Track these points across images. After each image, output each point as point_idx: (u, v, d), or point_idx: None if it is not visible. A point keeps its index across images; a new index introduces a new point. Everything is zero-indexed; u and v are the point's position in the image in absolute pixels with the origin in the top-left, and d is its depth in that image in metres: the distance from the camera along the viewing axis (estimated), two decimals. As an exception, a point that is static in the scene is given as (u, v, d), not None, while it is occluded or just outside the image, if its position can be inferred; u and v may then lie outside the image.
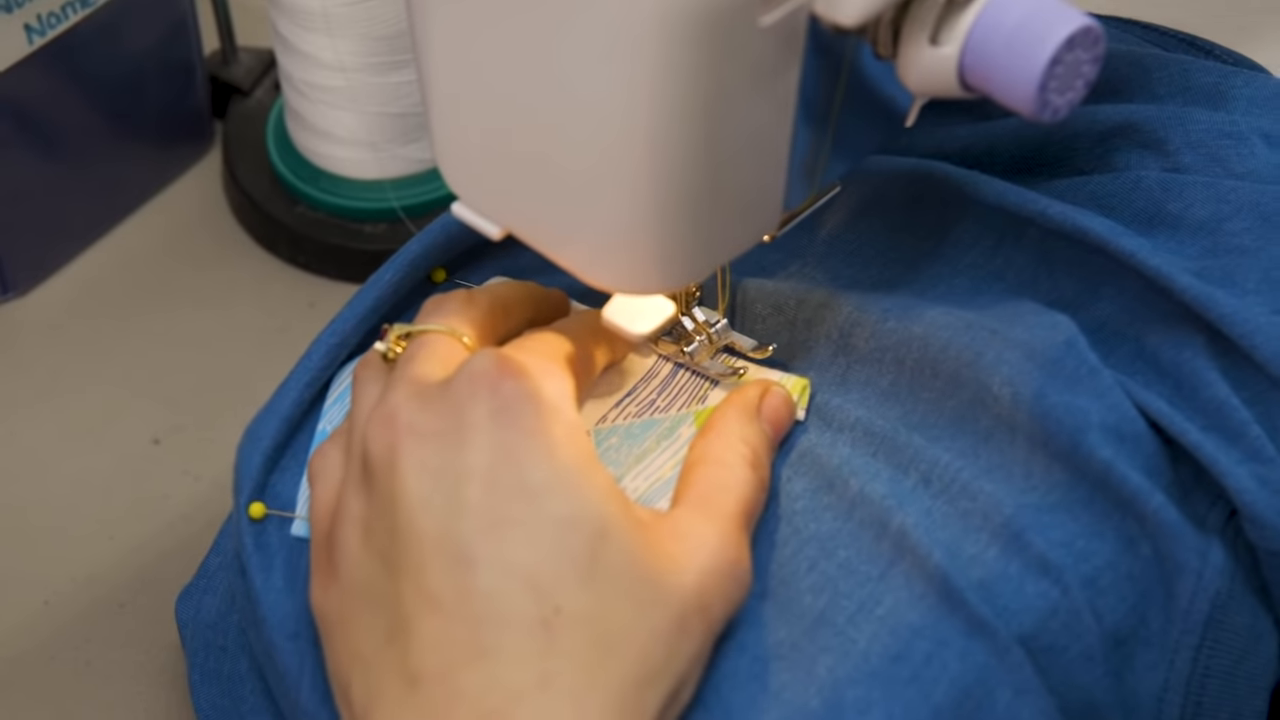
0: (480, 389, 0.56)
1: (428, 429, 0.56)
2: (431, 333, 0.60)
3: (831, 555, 0.60)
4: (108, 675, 0.75)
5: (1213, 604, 0.59)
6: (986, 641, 0.57)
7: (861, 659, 0.57)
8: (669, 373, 0.66)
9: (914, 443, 0.61)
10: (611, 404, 0.65)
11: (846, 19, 0.52)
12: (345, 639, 0.57)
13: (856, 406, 0.64)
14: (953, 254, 0.68)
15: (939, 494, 0.60)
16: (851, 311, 0.65)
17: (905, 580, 0.59)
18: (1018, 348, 0.61)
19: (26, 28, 0.84)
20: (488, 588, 0.54)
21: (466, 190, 0.60)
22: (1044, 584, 0.58)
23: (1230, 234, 0.64)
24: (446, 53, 0.56)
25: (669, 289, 0.60)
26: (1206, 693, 0.60)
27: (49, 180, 0.90)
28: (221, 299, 0.91)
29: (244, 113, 0.97)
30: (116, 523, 0.81)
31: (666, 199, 0.54)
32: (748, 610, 0.59)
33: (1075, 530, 0.59)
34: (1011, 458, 0.61)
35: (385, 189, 0.90)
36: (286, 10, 0.86)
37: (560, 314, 0.67)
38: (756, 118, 0.54)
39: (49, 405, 0.86)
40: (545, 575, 0.54)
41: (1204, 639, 0.59)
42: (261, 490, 0.65)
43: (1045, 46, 0.52)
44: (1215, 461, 0.59)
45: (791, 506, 0.61)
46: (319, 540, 0.60)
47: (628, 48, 0.50)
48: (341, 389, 0.67)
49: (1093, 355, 0.61)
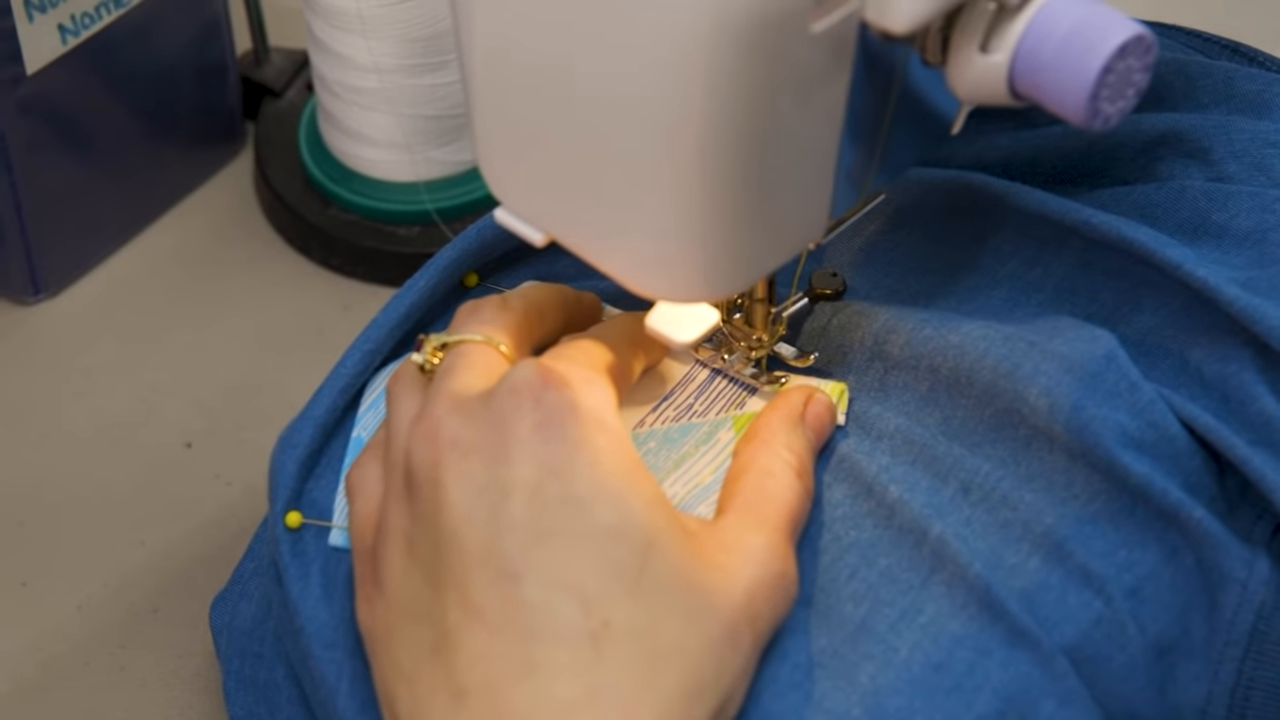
0: (523, 401, 0.56)
1: (471, 443, 0.56)
2: (468, 343, 0.60)
3: (872, 563, 0.59)
4: (142, 680, 0.75)
5: (1257, 615, 0.59)
6: (1029, 651, 0.57)
7: (903, 668, 0.57)
8: (706, 378, 0.66)
9: (953, 452, 0.61)
10: (648, 409, 0.65)
11: (897, 26, 0.52)
12: (390, 654, 0.56)
13: (895, 414, 0.63)
14: (991, 264, 0.68)
15: (978, 503, 0.60)
16: (888, 319, 0.65)
17: (946, 589, 0.58)
18: (1056, 360, 0.60)
19: (60, 28, 0.84)
20: (534, 601, 0.53)
21: (509, 195, 0.60)
22: (1087, 594, 0.58)
23: (1276, 244, 0.64)
24: (491, 54, 0.56)
25: (715, 297, 0.59)
26: (1250, 705, 0.59)
27: (80, 181, 0.90)
28: (254, 301, 0.91)
29: (276, 114, 0.97)
30: (148, 527, 0.81)
31: (715, 205, 0.54)
32: (789, 617, 0.58)
33: (1117, 540, 0.59)
34: (1051, 466, 0.60)
35: (419, 191, 0.90)
36: (321, 11, 0.86)
37: (593, 318, 0.67)
38: (805, 124, 0.54)
39: (80, 408, 0.86)
40: (593, 587, 0.54)
41: (1248, 650, 0.59)
42: (297, 498, 0.65)
43: (1098, 55, 0.52)
44: (1263, 476, 0.59)
45: (832, 514, 0.61)
46: (362, 555, 0.59)
47: (678, 52, 0.50)
48: (376, 395, 0.67)
49: (1134, 369, 0.60)
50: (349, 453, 0.66)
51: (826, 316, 0.66)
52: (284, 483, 0.65)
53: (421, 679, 0.55)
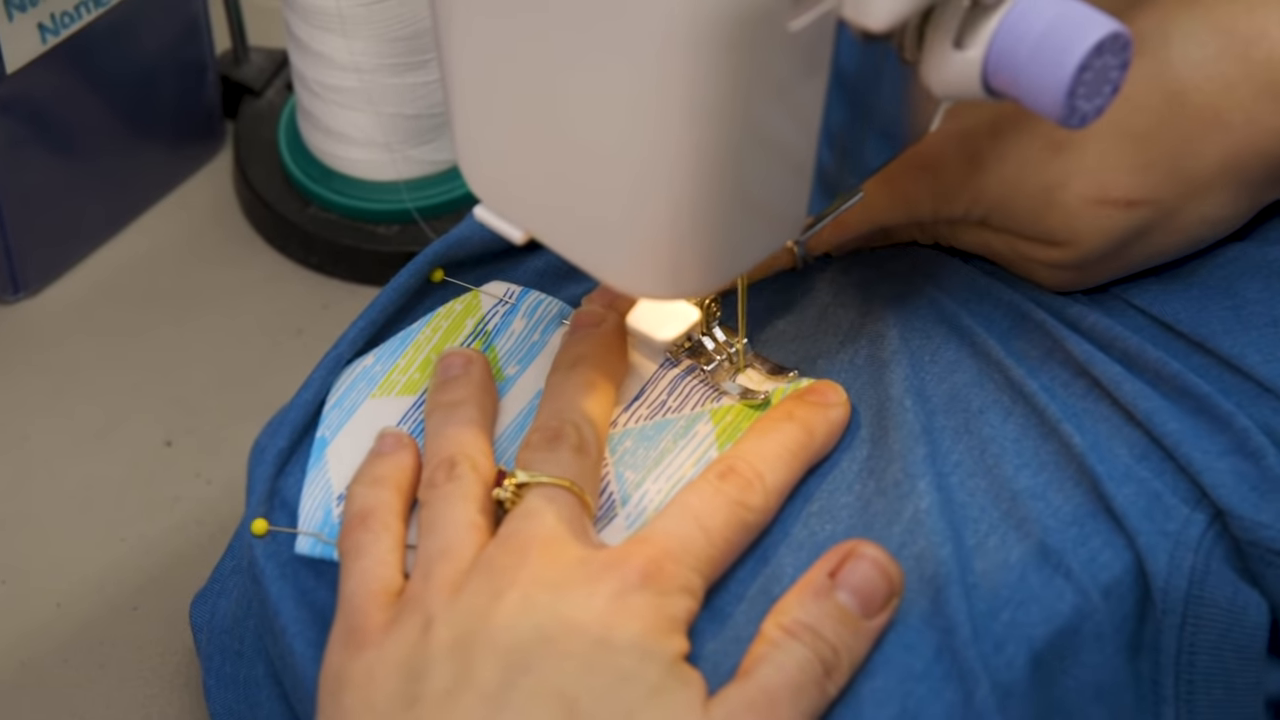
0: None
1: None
2: (550, 486, 0.60)
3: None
4: (122, 678, 0.75)
5: (1190, 580, 0.59)
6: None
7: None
8: (678, 374, 0.66)
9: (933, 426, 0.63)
10: (620, 409, 0.65)
11: (875, 24, 0.52)
12: (366, 697, 0.57)
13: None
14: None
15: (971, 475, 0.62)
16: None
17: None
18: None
19: (40, 27, 0.84)
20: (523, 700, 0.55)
21: (489, 193, 0.60)
22: (1047, 570, 0.59)
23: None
24: (470, 54, 0.56)
25: (694, 294, 0.59)
26: (1197, 670, 0.60)
27: (60, 180, 0.90)
28: (234, 300, 0.91)
29: (255, 113, 0.97)
30: (128, 525, 0.81)
31: (692, 202, 0.54)
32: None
33: (1062, 508, 0.61)
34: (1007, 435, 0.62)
35: (399, 190, 0.90)
36: (300, 10, 0.86)
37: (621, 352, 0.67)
38: (783, 122, 0.54)
39: (60, 406, 0.86)
40: (584, 704, 0.55)
41: (1185, 618, 0.60)
42: (270, 499, 0.65)
43: (1074, 53, 0.52)
44: (1191, 460, 0.60)
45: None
46: (350, 608, 0.60)
47: (656, 51, 0.50)
48: (340, 394, 0.67)
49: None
50: (313, 453, 0.66)
51: (826, 300, 0.67)
52: (258, 488, 0.65)
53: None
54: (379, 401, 0.66)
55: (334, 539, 0.63)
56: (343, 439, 0.66)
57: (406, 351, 0.68)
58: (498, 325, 0.68)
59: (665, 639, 0.56)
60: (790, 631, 0.57)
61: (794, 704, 0.55)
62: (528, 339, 0.68)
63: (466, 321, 0.68)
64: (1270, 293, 0.64)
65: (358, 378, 0.67)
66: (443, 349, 0.67)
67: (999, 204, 0.63)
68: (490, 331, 0.68)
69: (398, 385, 0.67)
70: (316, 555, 0.63)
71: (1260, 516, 0.59)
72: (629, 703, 0.55)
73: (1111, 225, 0.62)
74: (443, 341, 0.68)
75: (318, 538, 0.63)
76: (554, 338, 0.67)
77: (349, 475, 0.64)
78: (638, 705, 0.55)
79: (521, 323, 0.68)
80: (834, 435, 0.63)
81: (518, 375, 0.67)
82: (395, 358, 0.67)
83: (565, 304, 0.68)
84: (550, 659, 0.55)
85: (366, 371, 0.67)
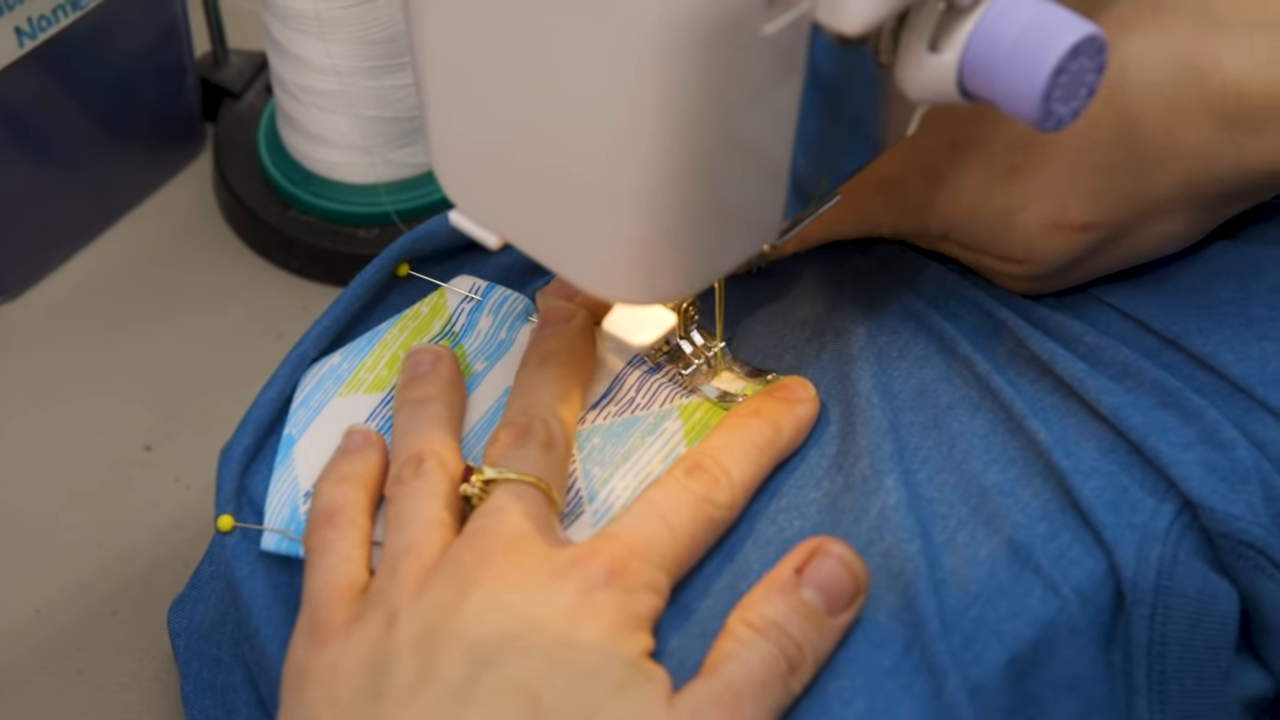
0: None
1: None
2: (517, 483, 0.60)
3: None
4: (100, 684, 0.75)
5: (1159, 570, 0.59)
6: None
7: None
8: (645, 372, 0.66)
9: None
10: (588, 407, 0.65)
11: (849, 27, 0.51)
12: (329, 691, 0.57)
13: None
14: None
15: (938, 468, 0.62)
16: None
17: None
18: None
19: (17, 30, 0.83)
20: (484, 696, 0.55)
21: (463, 198, 0.59)
22: (1015, 566, 0.59)
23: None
24: (444, 58, 0.56)
25: (669, 299, 0.59)
26: (1168, 660, 0.60)
27: (39, 183, 0.90)
28: (213, 303, 0.91)
29: (235, 116, 0.96)
30: (107, 530, 0.80)
31: (667, 207, 0.54)
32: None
33: (1031, 504, 0.61)
34: (975, 431, 0.62)
35: (378, 193, 0.90)
36: (279, 13, 0.85)
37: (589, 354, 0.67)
38: (758, 126, 0.54)
39: (39, 410, 0.86)
40: (546, 701, 0.55)
41: (1155, 608, 0.60)
42: (237, 496, 0.65)
43: (1050, 56, 0.52)
44: (1159, 453, 0.60)
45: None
46: (315, 603, 0.59)
47: (629, 55, 0.50)
48: (306, 392, 0.67)
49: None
50: (280, 451, 0.66)
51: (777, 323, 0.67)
52: (225, 486, 0.65)
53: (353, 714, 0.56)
54: (346, 399, 0.66)
55: (300, 535, 0.63)
56: (310, 437, 0.65)
57: (374, 350, 0.67)
58: (465, 323, 0.68)
59: (630, 636, 0.56)
60: (755, 628, 0.56)
61: (758, 700, 0.55)
62: (495, 336, 0.68)
63: (434, 323, 0.68)
64: (1244, 292, 0.64)
65: (324, 376, 0.67)
66: (411, 346, 0.67)
67: (958, 224, 0.64)
68: (458, 331, 0.68)
69: (365, 383, 0.67)
70: (283, 552, 0.63)
71: (1231, 509, 0.59)
72: (593, 699, 0.55)
73: (1068, 246, 0.63)
74: (410, 339, 0.68)
75: (284, 534, 0.63)
76: (521, 334, 0.67)
77: (316, 473, 0.64)
78: (601, 702, 0.55)
79: (488, 320, 0.68)
80: (802, 431, 0.63)
81: (486, 371, 0.67)
82: (362, 356, 0.67)
83: (531, 301, 0.69)
84: (514, 655, 0.55)
85: (334, 370, 0.67)
